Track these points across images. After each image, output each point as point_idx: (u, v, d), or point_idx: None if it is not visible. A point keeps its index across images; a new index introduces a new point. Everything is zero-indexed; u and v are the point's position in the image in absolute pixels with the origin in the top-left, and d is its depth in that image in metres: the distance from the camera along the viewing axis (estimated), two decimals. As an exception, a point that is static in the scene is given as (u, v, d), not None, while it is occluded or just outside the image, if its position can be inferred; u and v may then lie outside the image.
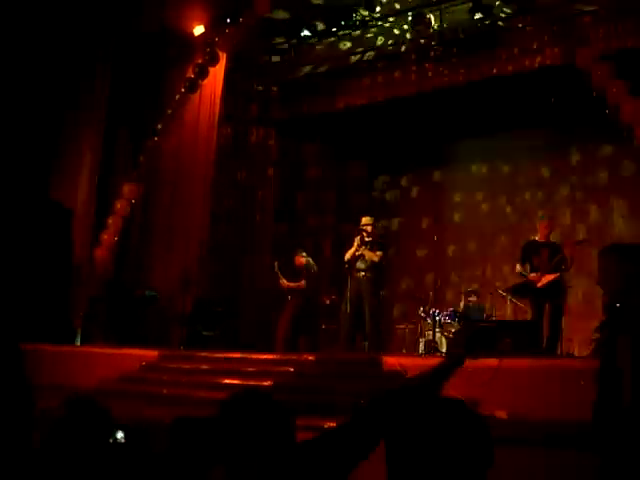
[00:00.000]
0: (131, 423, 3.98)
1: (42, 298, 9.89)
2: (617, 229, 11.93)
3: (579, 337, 10.28)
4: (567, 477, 4.68)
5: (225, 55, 11.20)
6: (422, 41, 11.03)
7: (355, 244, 9.41)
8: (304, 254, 10.57)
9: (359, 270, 9.36)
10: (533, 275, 8.65)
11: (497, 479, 1.74)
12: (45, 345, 9.15)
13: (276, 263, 10.63)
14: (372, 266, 9.37)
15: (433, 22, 10.50)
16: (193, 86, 11.11)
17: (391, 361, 7.55)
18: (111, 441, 2.15)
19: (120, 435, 2.75)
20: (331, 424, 5.48)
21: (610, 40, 9.58)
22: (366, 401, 1.86)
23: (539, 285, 8.57)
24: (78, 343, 10.25)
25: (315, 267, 10.57)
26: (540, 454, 4.84)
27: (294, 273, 10.50)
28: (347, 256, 9.46)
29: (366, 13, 10.83)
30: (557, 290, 8.60)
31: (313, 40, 11.49)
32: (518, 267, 8.95)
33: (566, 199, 12.50)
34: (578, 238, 10.14)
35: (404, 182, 14.35)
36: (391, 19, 10.99)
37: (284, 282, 10.37)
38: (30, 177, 10.56)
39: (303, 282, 10.34)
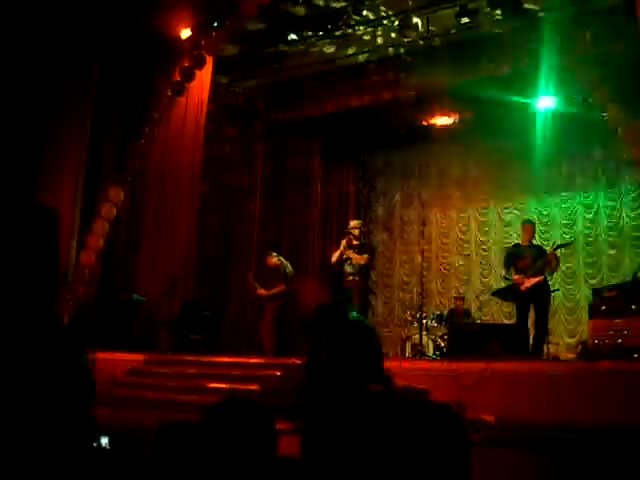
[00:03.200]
0: (116, 428, 3.96)
1: (27, 302, 9.81)
2: (602, 233, 12.01)
3: (564, 340, 10.35)
4: (552, 479, 4.70)
5: (212, 58, 11.19)
6: (409, 45, 11.07)
7: (341, 246, 9.42)
8: (274, 254, 10.45)
9: (347, 274, 9.37)
10: (517, 277, 8.69)
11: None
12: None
13: (250, 274, 10.53)
14: (360, 270, 9.38)
15: (420, 26, 10.53)
16: (180, 89, 11.09)
17: (378, 365, 7.54)
18: (95, 446, 2.13)
19: (105, 441, 2.73)
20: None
21: (596, 43, 9.65)
22: None
23: (523, 288, 8.61)
24: (63, 347, 10.17)
25: (289, 266, 10.44)
26: (525, 456, 4.86)
27: (269, 278, 10.43)
28: (333, 258, 9.47)
29: (354, 17, 10.83)
30: (541, 293, 8.64)
31: (300, 45, 11.49)
32: (503, 272, 8.99)
33: (553, 203, 12.56)
34: (563, 242, 10.18)
35: (392, 184, 14.39)
36: (383, 22, 11.00)
37: (262, 292, 10.28)
38: (15, 179, 10.49)
39: (282, 286, 10.22)
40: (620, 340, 7.37)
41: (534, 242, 9.06)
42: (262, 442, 1.91)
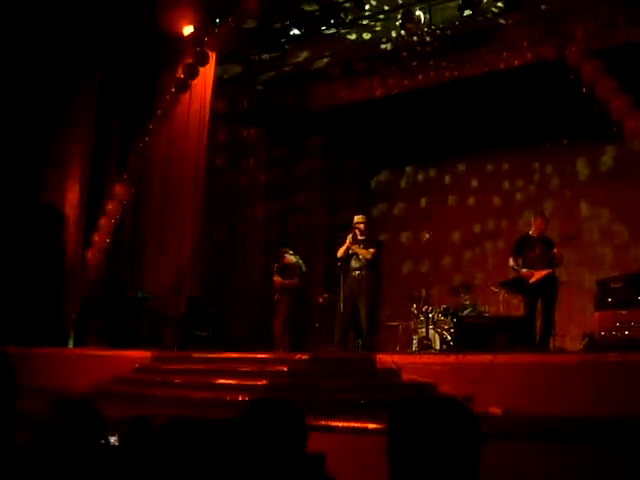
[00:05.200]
0: (125, 426, 3.97)
1: (34, 301, 9.86)
2: (606, 225, 11.98)
3: (571, 332, 10.32)
4: (561, 471, 4.70)
5: (215, 55, 11.18)
6: (412, 39, 11.04)
7: (347, 241, 9.41)
8: (291, 252, 10.69)
9: (354, 269, 9.36)
10: (525, 271, 8.68)
11: (491, 474, 1.75)
12: (37, 348, 9.12)
13: (275, 266, 10.73)
14: (367, 264, 9.37)
15: (422, 20, 10.51)
16: (183, 86, 11.09)
17: (385, 359, 7.56)
18: (103, 443, 2.14)
19: (114, 438, 2.74)
20: (325, 422, 5.49)
21: (599, 37, 9.62)
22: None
23: (532, 281, 8.59)
24: (71, 345, 10.22)
25: (303, 265, 10.66)
26: (533, 448, 4.86)
27: (283, 272, 10.56)
28: (339, 253, 9.47)
29: (356, 12, 10.80)
30: (549, 286, 8.62)
31: (302, 40, 11.48)
32: (511, 262, 8.96)
33: (558, 196, 12.53)
34: (569, 234, 10.15)
35: (398, 179, 14.37)
36: (381, 17, 10.98)
37: (278, 279, 10.45)
38: (21, 179, 10.52)
39: (296, 279, 10.43)
40: (627, 332, 7.37)
41: (545, 234, 9.03)
42: (294, 441, 1.92)
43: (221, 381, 7.35)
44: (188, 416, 4.74)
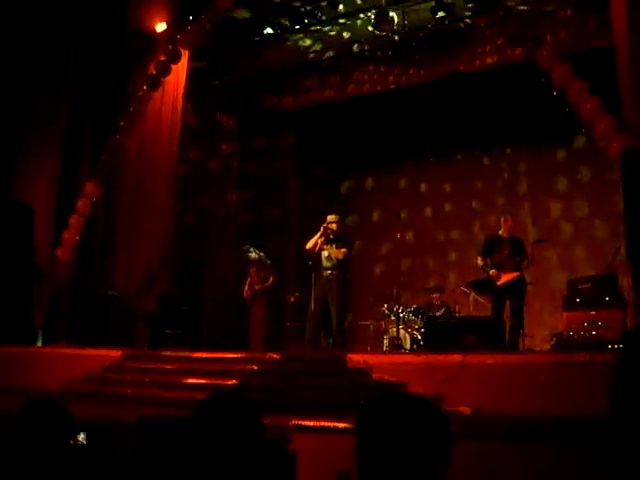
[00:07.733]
0: (94, 424, 3.95)
1: (2, 298, 9.74)
2: (574, 228, 12.11)
3: (539, 333, 10.43)
4: (529, 471, 4.75)
5: (187, 52, 11.13)
6: (385, 40, 11.08)
7: (317, 235, 9.41)
8: (252, 249, 10.68)
9: (325, 268, 9.37)
10: (493, 271, 8.76)
11: (458, 474, 1.77)
12: (5, 346, 9.01)
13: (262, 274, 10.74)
14: (338, 264, 9.38)
15: (396, 20, 10.55)
16: (155, 83, 11.02)
17: (356, 359, 7.59)
18: (72, 442, 2.13)
19: (82, 436, 2.73)
20: (295, 422, 5.49)
21: (570, 40, 9.73)
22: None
23: (499, 283, 8.68)
24: (40, 344, 10.11)
25: (264, 257, 10.69)
26: (502, 447, 4.91)
27: (257, 272, 10.54)
28: (308, 245, 9.44)
29: (329, 11, 10.81)
30: (518, 287, 8.70)
31: (275, 38, 11.46)
32: (480, 261, 9.03)
33: (527, 198, 12.65)
34: (538, 237, 10.26)
35: (368, 180, 14.40)
36: (355, 16, 11.00)
37: (259, 286, 10.48)
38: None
39: (271, 278, 10.47)
40: (594, 332, 7.47)
41: (513, 235, 9.11)
42: (250, 433, 1.93)
43: (191, 380, 7.32)
44: (158, 415, 4.72)
